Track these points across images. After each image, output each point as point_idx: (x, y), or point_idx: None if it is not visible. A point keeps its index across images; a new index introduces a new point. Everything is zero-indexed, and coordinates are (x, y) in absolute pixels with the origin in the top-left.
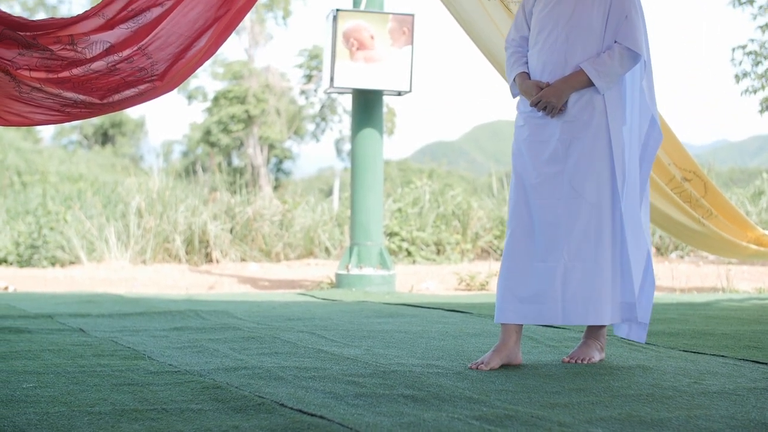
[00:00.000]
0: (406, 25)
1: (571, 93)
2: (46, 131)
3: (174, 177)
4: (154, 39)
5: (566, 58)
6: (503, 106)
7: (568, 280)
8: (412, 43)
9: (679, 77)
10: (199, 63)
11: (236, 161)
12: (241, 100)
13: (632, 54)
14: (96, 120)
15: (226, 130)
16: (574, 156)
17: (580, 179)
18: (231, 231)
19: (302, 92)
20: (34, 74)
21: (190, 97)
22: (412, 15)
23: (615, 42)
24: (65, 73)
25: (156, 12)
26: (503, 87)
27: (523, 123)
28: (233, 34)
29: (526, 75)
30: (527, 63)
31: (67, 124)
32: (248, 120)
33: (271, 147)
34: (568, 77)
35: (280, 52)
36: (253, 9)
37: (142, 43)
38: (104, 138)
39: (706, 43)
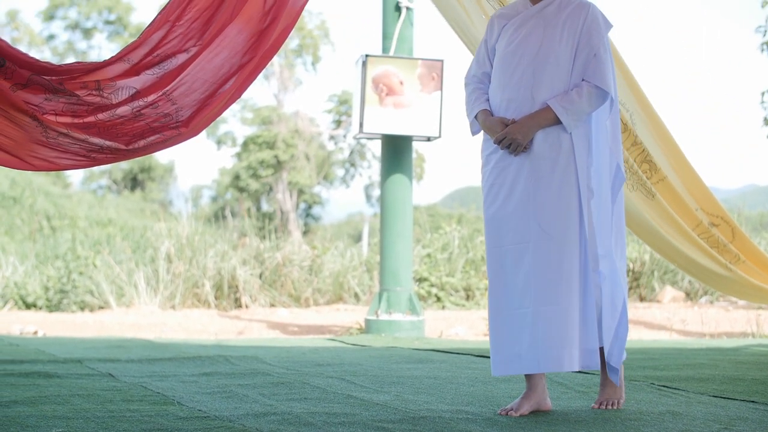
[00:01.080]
0: (435, 71)
1: (537, 130)
2: (76, 176)
3: (203, 222)
4: (179, 85)
5: (533, 94)
6: None
7: (539, 325)
8: (441, 89)
9: (706, 120)
10: (223, 109)
11: (265, 206)
12: (271, 145)
13: (600, 92)
14: (125, 165)
15: (255, 176)
16: (542, 195)
17: (547, 219)
18: (260, 276)
19: (331, 137)
20: (61, 119)
21: (220, 142)
22: (441, 60)
23: (583, 80)
24: (91, 118)
25: (181, 58)
26: None
27: (488, 165)
28: (262, 79)
29: (489, 112)
30: (489, 100)
31: (96, 169)
32: (277, 165)
33: (301, 192)
34: (534, 114)
35: (309, 98)
36: (282, 54)
37: (167, 88)
38: (133, 183)
39: (735, 86)
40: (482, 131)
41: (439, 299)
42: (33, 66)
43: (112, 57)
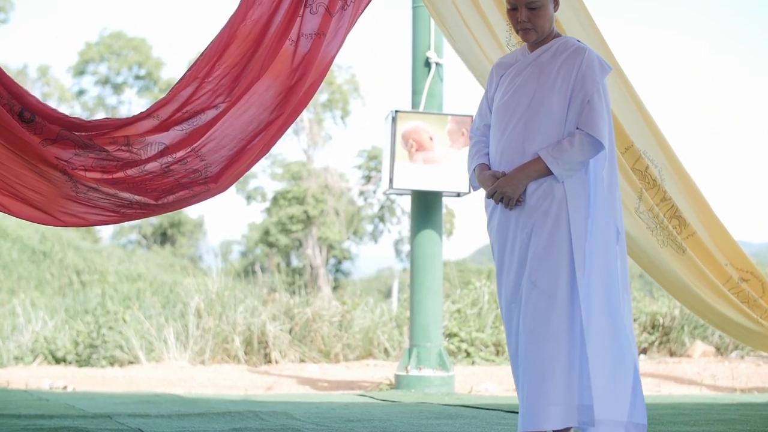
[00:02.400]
0: (464, 127)
1: (527, 182)
2: (105, 231)
3: (233, 277)
4: (208, 141)
5: (524, 145)
6: None
7: (525, 381)
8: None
9: (733, 173)
10: (252, 164)
11: (295, 262)
12: (300, 200)
13: (593, 141)
14: (155, 220)
15: (285, 231)
16: (532, 247)
17: (537, 271)
18: (290, 332)
19: (361, 193)
20: (90, 174)
21: (249, 198)
22: (471, 116)
23: (577, 128)
24: (120, 174)
25: (210, 114)
26: None
27: (492, 222)
28: (292, 135)
29: (486, 166)
30: (488, 153)
31: (125, 224)
32: (307, 220)
33: (330, 247)
34: (524, 166)
35: (338, 153)
36: (312, 109)
37: (196, 144)
38: (163, 238)
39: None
40: None
41: (468, 354)
42: (63, 121)
43: (141, 113)
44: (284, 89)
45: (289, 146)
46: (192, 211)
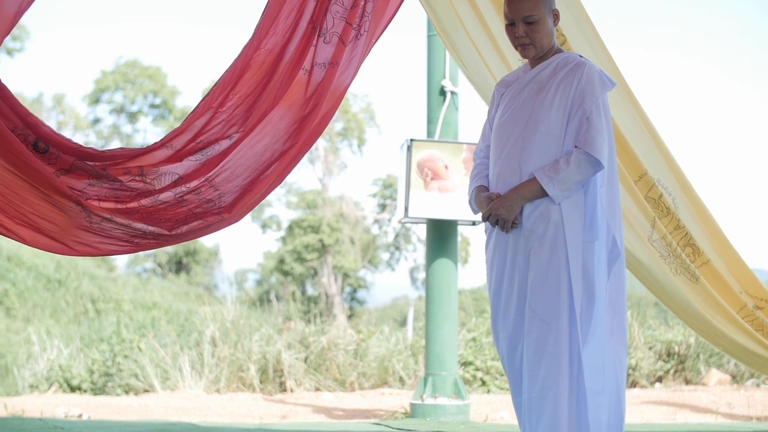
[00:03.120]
0: None
1: (522, 204)
2: (120, 259)
3: (248, 306)
4: (222, 170)
5: (521, 166)
6: None
7: (531, 412)
8: None
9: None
10: (266, 194)
11: (310, 290)
12: (315, 229)
13: (591, 159)
14: (170, 248)
15: (300, 259)
16: (531, 273)
17: (537, 298)
18: (305, 360)
19: (376, 221)
20: (104, 204)
21: (264, 226)
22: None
23: (575, 147)
24: (134, 204)
25: (224, 144)
26: None
27: (488, 245)
28: (307, 163)
29: (484, 188)
30: (488, 175)
31: (141, 253)
32: (322, 249)
33: (345, 276)
34: (518, 186)
35: (354, 181)
36: (327, 137)
37: (210, 174)
38: (178, 266)
39: None
40: None
41: (484, 383)
42: (76, 151)
43: (155, 143)
44: (298, 119)
45: (304, 175)
46: (207, 240)
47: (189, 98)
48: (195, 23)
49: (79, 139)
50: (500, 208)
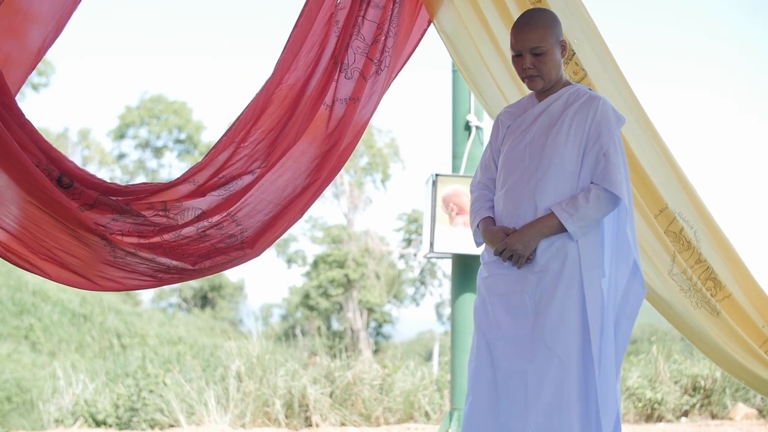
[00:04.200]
0: None
1: (539, 239)
2: (146, 294)
3: (273, 340)
4: (244, 205)
5: (535, 200)
6: None
7: None
8: None
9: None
10: (287, 228)
11: (336, 325)
12: (341, 264)
13: (611, 196)
14: (195, 283)
15: (325, 294)
16: (546, 312)
17: (552, 337)
18: (331, 395)
19: (402, 256)
20: (127, 239)
21: (290, 261)
22: None
23: (592, 183)
24: (156, 239)
25: (246, 180)
26: None
27: (488, 274)
28: (332, 198)
29: (491, 220)
30: (493, 207)
31: (166, 287)
32: (348, 284)
33: (371, 311)
34: (536, 222)
35: (379, 216)
36: (352, 172)
37: (232, 209)
38: (203, 301)
39: None
40: None
41: None
42: (100, 186)
43: (178, 178)
44: (319, 154)
45: (329, 210)
46: (232, 275)
47: (214, 133)
48: (219, 57)
49: (104, 174)
50: (517, 244)
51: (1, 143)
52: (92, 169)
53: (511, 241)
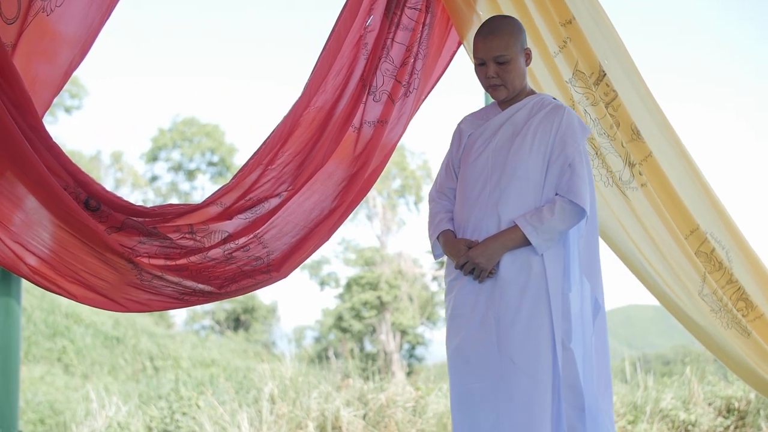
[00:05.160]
0: None
1: (503, 253)
2: (179, 316)
3: (306, 363)
4: (270, 228)
5: (499, 212)
6: (635, 290)
7: None
8: None
9: None
10: (313, 251)
11: (369, 347)
12: (374, 286)
13: (576, 208)
14: (228, 305)
15: (358, 317)
16: (511, 327)
17: (518, 352)
18: (364, 417)
19: (434, 278)
20: (154, 261)
21: (323, 283)
22: None
23: (556, 194)
24: (183, 261)
25: (273, 202)
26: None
27: (451, 292)
28: (365, 220)
29: (451, 233)
30: (452, 219)
31: (198, 309)
32: (380, 306)
33: (404, 333)
34: (499, 234)
35: (412, 238)
36: (385, 194)
37: (258, 231)
38: (236, 323)
39: None
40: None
41: None
42: (127, 209)
43: (205, 200)
44: (347, 176)
45: (362, 232)
46: (265, 297)
47: (246, 156)
48: (252, 79)
49: (137, 196)
50: (479, 257)
51: (29, 166)
52: (125, 191)
53: (474, 254)
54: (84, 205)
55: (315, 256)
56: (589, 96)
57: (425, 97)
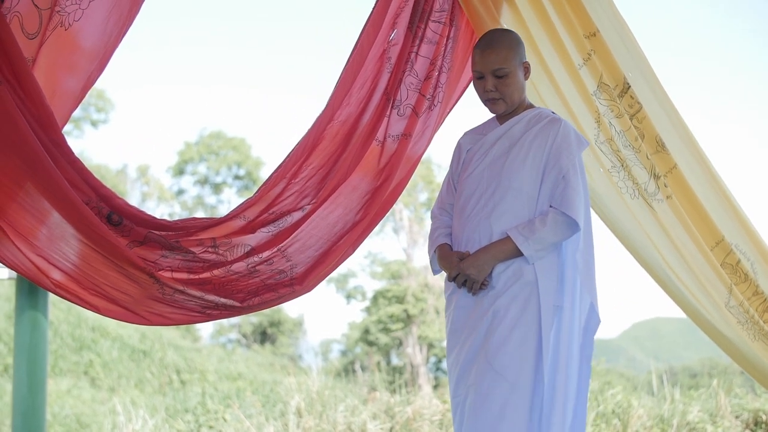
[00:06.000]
0: None
1: (494, 264)
2: (205, 330)
3: (333, 376)
4: (294, 241)
5: (491, 224)
6: (662, 303)
7: None
8: None
9: None
10: (337, 265)
11: (395, 360)
12: (400, 299)
13: (568, 221)
14: (254, 319)
15: (385, 330)
16: (494, 331)
17: (500, 359)
18: (390, 431)
19: None
20: (176, 275)
21: (349, 297)
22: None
23: (550, 206)
24: (206, 274)
25: (296, 216)
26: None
27: (449, 307)
28: (392, 233)
29: (448, 246)
30: (451, 233)
31: (225, 323)
32: (407, 319)
33: (430, 346)
34: (490, 246)
35: None
36: (412, 207)
37: (282, 245)
38: (263, 337)
39: None
40: None
41: None
42: (150, 223)
43: (228, 213)
44: (370, 190)
45: (389, 245)
46: (292, 311)
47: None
48: (278, 92)
49: (163, 209)
50: (470, 268)
51: (51, 181)
52: (151, 204)
53: (465, 266)
54: (106, 219)
55: (341, 270)
56: (613, 108)
57: (450, 111)
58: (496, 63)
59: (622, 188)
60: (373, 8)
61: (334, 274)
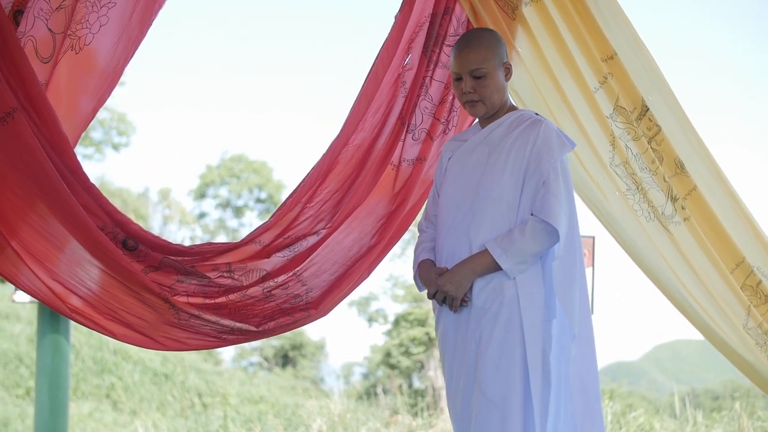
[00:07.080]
0: (587, 247)
1: (473, 279)
2: (227, 353)
3: (355, 399)
4: (309, 265)
5: (470, 237)
6: (683, 325)
7: None
8: (593, 265)
9: None
10: (353, 289)
11: (417, 383)
12: (422, 322)
13: (549, 228)
14: (276, 342)
15: (406, 353)
16: (484, 357)
17: (489, 383)
18: None
19: None
20: (192, 300)
21: (371, 320)
22: (593, 237)
23: (531, 214)
24: (222, 299)
25: (311, 240)
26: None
27: (438, 326)
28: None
29: (431, 262)
30: (434, 248)
31: (246, 346)
32: (429, 342)
33: None
34: (468, 260)
35: None
36: None
37: (297, 269)
38: (285, 360)
39: None
40: None
41: None
42: (165, 248)
43: (244, 238)
44: (385, 214)
45: (410, 268)
46: (313, 334)
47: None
48: (300, 116)
49: (184, 233)
50: (447, 285)
51: (66, 208)
52: (172, 228)
53: (442, 282)
54: (122, 245)
55: (363, 293)
56: (630, 131)
57: None
58: (474, 63)
59: (637, 210)
60: (389, 33)
61: (356, 296)
